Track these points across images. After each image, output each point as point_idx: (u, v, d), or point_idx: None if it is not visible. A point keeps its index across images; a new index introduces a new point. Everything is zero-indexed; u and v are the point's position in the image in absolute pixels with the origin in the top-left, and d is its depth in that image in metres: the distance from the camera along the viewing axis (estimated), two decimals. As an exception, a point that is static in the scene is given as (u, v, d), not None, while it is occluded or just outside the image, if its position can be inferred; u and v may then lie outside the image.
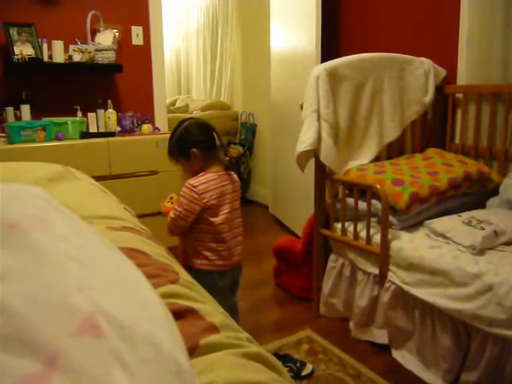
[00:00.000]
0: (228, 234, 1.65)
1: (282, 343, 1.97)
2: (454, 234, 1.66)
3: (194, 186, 1.58)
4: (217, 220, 1.62)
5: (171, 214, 1.61)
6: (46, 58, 2.78)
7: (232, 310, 1.77)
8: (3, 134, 2.57)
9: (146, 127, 2.95)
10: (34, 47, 2.74)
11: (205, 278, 1.59)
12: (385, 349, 1.90)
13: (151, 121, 3.18)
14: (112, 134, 2.76)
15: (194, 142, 1.63)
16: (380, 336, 1.93)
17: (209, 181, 1.61)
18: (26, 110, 2.72)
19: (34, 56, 2.72)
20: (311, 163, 2.17)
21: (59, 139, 2.60)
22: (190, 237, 1.65)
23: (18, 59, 2.65)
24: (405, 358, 1.81)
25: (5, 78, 2.81)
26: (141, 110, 3.17)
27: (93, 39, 2.97)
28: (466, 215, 1.77)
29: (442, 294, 1.58)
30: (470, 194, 2.06)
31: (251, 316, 2.21)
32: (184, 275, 0.79)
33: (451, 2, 2.39)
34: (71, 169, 1.47)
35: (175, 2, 6.15)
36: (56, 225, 0.37)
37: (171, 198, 1.74)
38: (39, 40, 2.77)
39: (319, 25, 2.88)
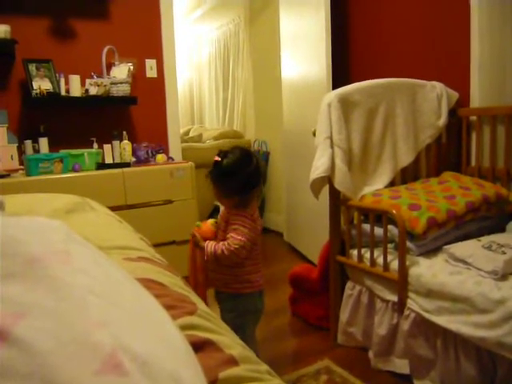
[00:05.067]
0: (261, 256, 1.72)
1: (301, 374, 1.92)
2: (475, 259, 1.62)
3: (251, 215, 1.60)
4: (257, 245, 1.67)
5: (233, 245, 1.55)
6: (63, 92, 2.85)
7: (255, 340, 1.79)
8: (22, 167, 2.62)
9: (160, 157, 2.98)
10: (51, 82, 2.82)
11: (247, 301, 1.67)
12: (406, 379, 1.84)
13: (165, 151, 3.22)
14: (127, 165, 2.79)
15: (254, 183, 1.60)
16: (401, 366, 1.87)
17: (255, 210, 1.64)
18: (43, 142, 2.78)
19: (51, 90, 2.79)
20: (325, 190, 2.17)
21: (76, 171, 2.64)
22: (231, 264, 1.63)
23: (36, 94, 2.72)
24: (428, 388, 1.75)
25: (24, 112, 2.89)
26: (155, 140, 3.21)
27: (108, 73, 3.04)
28: (485, 239, 1.73)
29: (465, 322, 1.54)
30: (489, 218, 2.03)
31: (267, 346, 2.17)
32: (202, 306, 0.78)
33: (461, 26, 2.41)
34: (88, 200, 1.49)
35: (187, 35, 6.31)
36: (76, 258, 0.37)
37: (216, 222, 1.70)
38: (57, 75, 2.85)
39: (329, 52, 2.91)
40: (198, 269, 1.71)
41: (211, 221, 1.72)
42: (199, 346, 0.62)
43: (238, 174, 1.57)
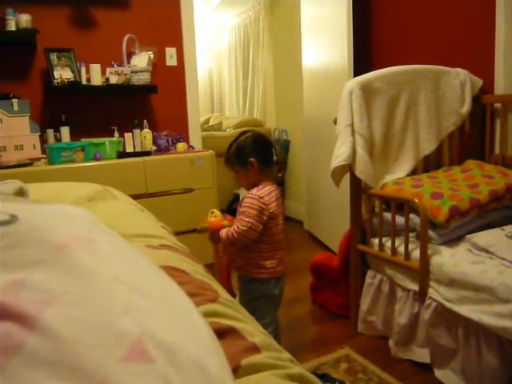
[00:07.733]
0: (282, 242, 1.73)
1: (320, 362, 1.93)
2: (498, 248, 1.60)
3: (261, 197, 1.62)
4: (277, 230, 1.68)
5: (241, 227, 1.59)
6: (84, 81, 2.88)
7: (276, 325, 1.80)
8: (44, 156, 2.66)
9: (180, 146, 2.99)
10: (72, 71, 2.85)
11: (262, 286, 1.68)
12: (427, 368, 1.83)
13: (186, 139, 3.23)
14: (148, 153, 2.81)
15: (253, 152, 1.68)
16: (421, 355, 1.86)
17: (270, 192, 1.66)
18: (65, 131, 2.82)
19: (72, 79, 2.82)
20: (346, 178, 2.15)
21: (97, 159, 2.67)
22: (247, 248, 1.67)
23: (57, 83, 2.75)
24: (448, 377, 1.74)
25: (45, 101, 2.93)
26: (175, 129, 3.22)
27: (128, 61, 3.06)
28: (509, 228, 1.70)
29: (487, 311, 1.52)
30: (513, 207, 1.99)
31: (288, 333, 2.18)
32: (223, 293, 0.79)
33: (486, 12, 2.35)
34: (110, 188, 1.50)
35: (207, 22, 6.28)
36: (101, 245, 0.37)
37: (212, 212, 1.74)
38: (78, 64, 2.87)
39: (351, 39, 2.87)
40: (220, 254, 1.78)
41: (216, 213, 1.74)
42: (222, 334, 0.62)
43: (234, 142, 1.73)
